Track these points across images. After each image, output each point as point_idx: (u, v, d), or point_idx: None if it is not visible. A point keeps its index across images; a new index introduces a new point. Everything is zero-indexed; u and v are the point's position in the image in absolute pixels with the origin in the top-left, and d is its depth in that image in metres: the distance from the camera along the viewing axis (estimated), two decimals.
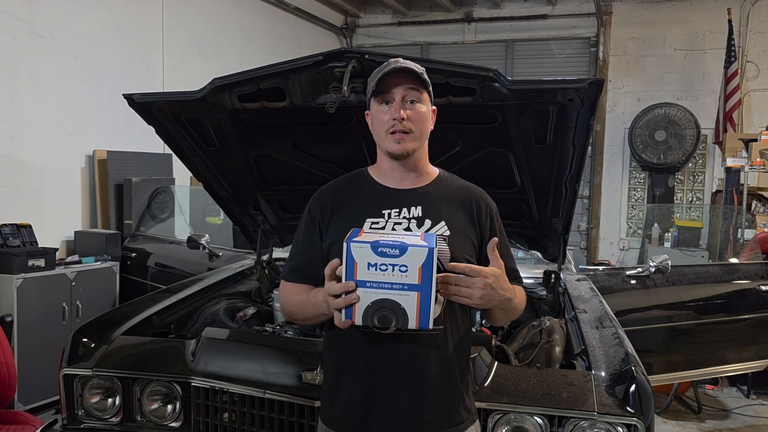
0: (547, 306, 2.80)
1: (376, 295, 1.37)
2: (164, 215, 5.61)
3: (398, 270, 1.35)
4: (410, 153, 1.58)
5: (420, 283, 1.35)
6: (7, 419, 2.78)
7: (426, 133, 1.61)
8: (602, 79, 1.89)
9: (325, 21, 8.50)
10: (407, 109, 1.55)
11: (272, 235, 3.09)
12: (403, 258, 1.35)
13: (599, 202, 8.34)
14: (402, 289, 1.36)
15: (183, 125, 2.37)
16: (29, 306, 3.98)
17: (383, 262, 1.35)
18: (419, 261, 1.35)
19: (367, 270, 1.36)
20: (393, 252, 1.35)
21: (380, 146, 1.62)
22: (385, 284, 1.36)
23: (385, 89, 1.56)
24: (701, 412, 4.55)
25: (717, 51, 7.48)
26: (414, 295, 1.36)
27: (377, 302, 1.37)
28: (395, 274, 1.36)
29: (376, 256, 1.35)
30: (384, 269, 1.36)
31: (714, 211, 6.91)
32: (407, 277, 1.35)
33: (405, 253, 1.35)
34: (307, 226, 1.66)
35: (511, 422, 1.87)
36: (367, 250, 1.36)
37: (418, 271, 1.35)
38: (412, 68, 1.56)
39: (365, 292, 1.37)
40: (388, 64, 1.57)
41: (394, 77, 1.55)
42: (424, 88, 1.58)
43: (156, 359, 2.16)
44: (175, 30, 5.94)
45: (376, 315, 1.38)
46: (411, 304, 1.36)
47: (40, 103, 4.65)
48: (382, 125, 1.57)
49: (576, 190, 2.37)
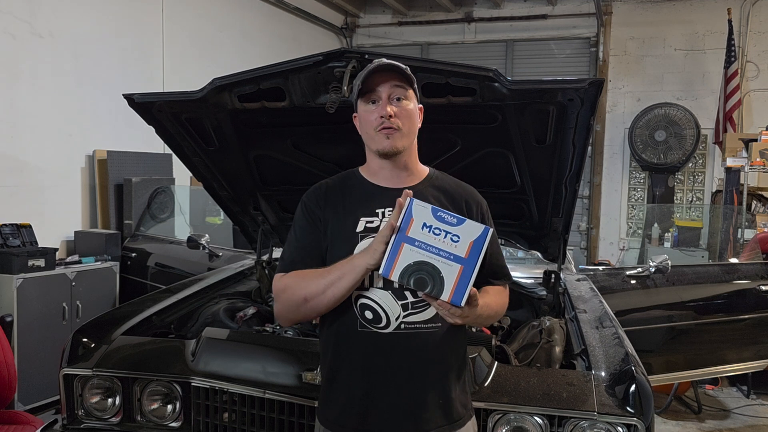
0: (547, 306, 2.80)
1: (420, 255, 1.38)
2: (164, 215, 5.61)
3: (450, 238, 1.37)
4: (399, 150, 1.57)
5: (467, 257, 1.36)
6: (7, 419, 2.78)
7: (414, 130, 1.61)
8: (602, 79, 1.89)
9: (325, 21, 8.50)
10: (394, 106, 1.55)
11: (272, 235, 3.08)
12: (458, 228, 1.37)
13: (599, 202, 8.34)
14: (448, 257, 1.37)
15: (183, 125, 2.37)
16: (29, 306, 3.98)
17: (438, 226, 1.38)
18: (473, 235, 1.37)
19: (421, 230, 1.38)
20: (450, 219, 1.38)
21: (369, 146, 1.61)
22: (433, 248, 1.37)
23: (371, 88, 1.56)
24: (701, 412, 4.55)
25: (717, 51, 7.48)
26: (457, 267, 1.37)
27: (419, 263, 1.38)
28: (446, 241, 1.37)
29: (434, 218, 1.38)
30: (437, 233, 1.38)
31: (714, 211, 6.91)
32: (456, 248, 1.37)
33: (462, 224, 1.38)
34: (306, 220, 1.64)
35: (511, 422, 1.87)
36: (427, 210, 1.39)
37: (468, 245, 1.37)
38: (396, 65, 1.56)
39: (411, 249, 1.38)
40: (372, 63, 1.57)
41: (378, 76, 1.55)
42: (409, 85, 1.58)
43: (156, 359, 2.16)
44: (175, 30, 5.94)
45: (414, 275, 1.38)
46: (452, 275, 1.37)
47: (40, 103, 4.65)
48: (370, 124, 1.56)
49: (576, 190, 2.37)
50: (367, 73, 1.55)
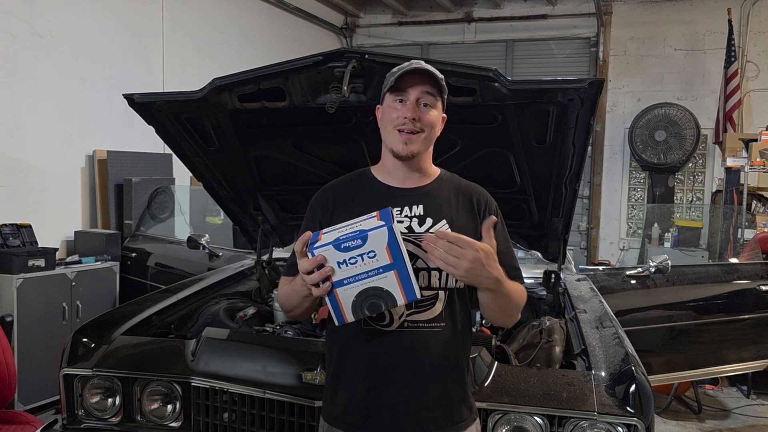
0: (547, 306, 2.80)
1: (356, 288, 1.38)
2: (164, 215, 5.61)
3: (367, 257, 1.36)
4: (414, 155, 1.58)
5: (393, 261, 1.36)
6: (7, 419, 2.78)
7: (433, 138, 1.62)
8: (602, 79, 1.89)
9: (325, 21, 8.50)
10: (420, 111, 1.56)
11: (272, 235, 3.09)
12: (367, 245, 1.35)
13: (599, 202, 8.34)
14: (378, 273, 1.36)
15: (183, 125, 2.37)
16: (29, 306, 3.98)
17: (351, 255, 1.36)
18: (383, 241, 1.35)
19: (339, 269, 1.37)
20: (356, 243, 1.35)
21: (386, 143, 1.62)
22: (361, 275, 1.37)
23: (403, 88, 1.56)
24: (701, 412, 4.55)
25: (717, 51, 7.48)
26: (391, 274, 1.36)
27: (360, 294, 1.38)
28: (366, 262, 1.36)
29: (342, 253, 1.36)
30: (354, 262, 1.36)
31: (714, 211, 6.91)
32: (378, 260, 1.36)
33: (367, 241, 1.35)
34: (307, 223, 1.67)
35: (511, 422, 1.87)
36: (331, 251, 1.36)
37: (386, 251, 1.35)
38: (433, 73, 1.56)
39: (345, 290, 1.38)
40: (410, 63, 1.58)
41: (413, 77, 1.56)
42: (440, 94, 1.59)
43: (156, 359, 2.16)
44: (175, 30, 5.94)
45: (364, 306, 1.39)
46: (392, 283, 1.37)
47: (40, 103, 4.65)
48: (392, 121, 1.57)
49: (576, 190, 2.37)
50: (404, 72, 1.55)
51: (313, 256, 1.36)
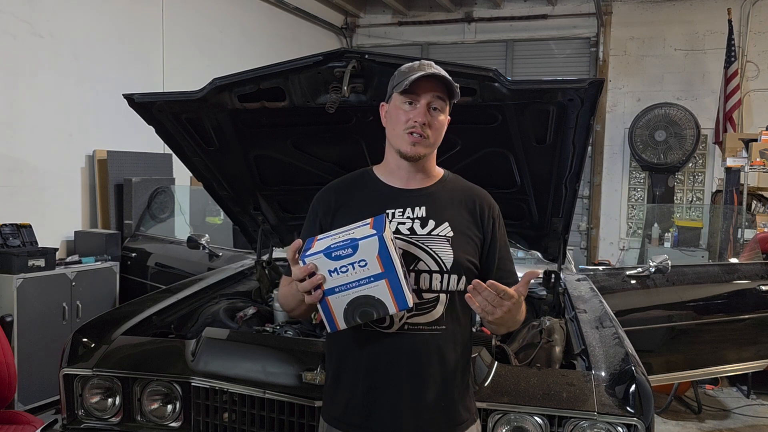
0: (547, 306, 2.80)
1: (348, 296, 1.38)
2: (164, 215, 5.61)
3: (358, 266, 1.36)
4: (421, 157, 1.58)
5: (384, 270, 1.36)
6: (7, 419, 2.78)
7: (439, 140, 1.62)
8: (602, 79, 1.89)
9: (325, 21, 8.50)
10: (430, 115, 1.55)
11: (272, 235, 3.08)
12: (357, 254, 1.35)
13: (599, 202, 8.34)
14: (369, 281, 1.37)
15: (183, 125, 2.37)
16: (29, 306, 3.98)
17: (342, 264, 1.36)
18: (374, 251, 1.35)
19: (330, 277, 1.37)
20: (347, 252, 1.35)
21: (392, 143, 1.61)
22: (352, 283, 1.37)
23: (414, 91, 1.54)
24: (701, 412, 4.55)
25: (717, 51, 7.48)
26: (382, 283, 1.37)
27: (352, 302, 1.38)
28: (357, 271, 1.36)
29: (333, 261, 1.36)
30: (345, 271, 1.36)
31: (714, 211, 6.91)
32: (369, 269, 1.36)
33: (358, 250, 1.35)
34: (309, 223, 1.67)
35: (511, 422, 1.87)
36: (322, 259, 1.36)
37: (376, 260, 1.35)
38: (446, 78, 1.56)
39: (337, 297, 1.38)
40: (423, 66, 1.56)
41: (427, 81, 1.55)
42: (449, 99, 1.59)
43: (156, 359, 2.16)
44: (175, 30, 5.94)
45: (356, 314, 1.40)
46: (383, 292, 1.37)
47: (40, 103, 4.65)
48: (401, 124, 1.56)
49: (576, 190, 2.36)
50: (418, 77, 1.53)
51: (304, 264, 1.37)
